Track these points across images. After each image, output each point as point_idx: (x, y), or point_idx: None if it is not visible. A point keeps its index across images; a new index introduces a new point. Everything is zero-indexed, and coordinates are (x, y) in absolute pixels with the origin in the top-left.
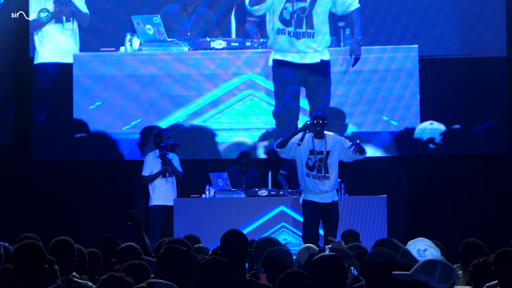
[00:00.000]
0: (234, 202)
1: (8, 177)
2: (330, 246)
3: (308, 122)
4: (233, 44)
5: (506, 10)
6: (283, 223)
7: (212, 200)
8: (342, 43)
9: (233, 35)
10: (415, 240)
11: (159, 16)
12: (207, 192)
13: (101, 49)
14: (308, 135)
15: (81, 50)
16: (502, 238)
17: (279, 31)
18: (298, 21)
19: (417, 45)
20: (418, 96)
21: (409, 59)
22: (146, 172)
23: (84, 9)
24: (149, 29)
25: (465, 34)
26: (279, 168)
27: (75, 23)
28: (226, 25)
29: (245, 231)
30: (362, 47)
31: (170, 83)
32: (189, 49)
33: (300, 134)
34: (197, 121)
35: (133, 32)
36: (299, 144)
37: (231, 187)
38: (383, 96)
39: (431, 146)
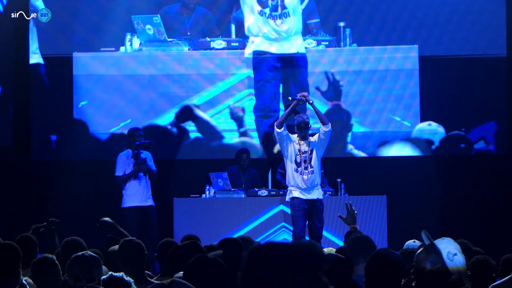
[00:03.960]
0: (234, 202)
1: (8, 177)
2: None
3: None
4: (233, 44)
5: (506, 9)
6: (283, 223)
7: (212, 200)
8: (342, 43)
9: (233, 35)
10: (446, 240)
11: (159, 16)
12: (207, 192)
13: (101, 49)
14: (295, 138)
15: (73, 49)
16: (502, 238)
17: (260, 13)
18: (274, 1)
19: (417, 45)
20: (418, 96)
21: (409, 59)
22: (119, 172)
23: (41, 5)
24: (149, 29)
25: (465, 34)
26: (277, 168)
27: (31, 22)
28: (226, 25)
29: (245, 231)
30: (362, 47)
31: (170, 84)
32: (189, 49)
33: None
34: (196, 121)
35: (133, 32)
36: (289, 99)
37: (231, 187)
38: (383, 96)
39: (431, 146)
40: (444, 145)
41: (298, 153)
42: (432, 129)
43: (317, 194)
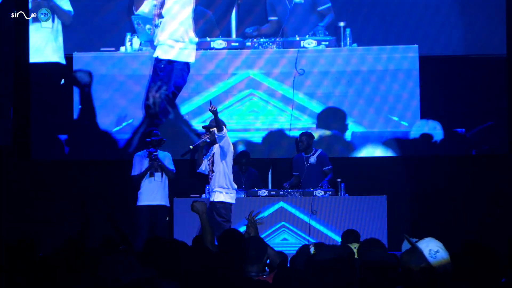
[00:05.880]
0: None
1: (8, 177)
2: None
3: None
4: (233, 44)
5: (506, 9)
6: (283, 223)
7: None
8: (342, 43)
9: (233, 35)
10: (427, 239)
11: None
12: (207, 192)
13: (101, 49)
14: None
15: (73, 49)
16: (502, 237)
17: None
18: (159, 15)
19: (416, 45)
20: (418, 95)
21: (409, 59)
22: (135, 172)
23: (66, 6)
24: (149, 29)
25: (464, 33)
26: (279, 168)
27: (56, 21)
28: (226, 25)
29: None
30: (361, 47)
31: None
32: None
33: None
34: (196, 122)
35: (133, 32)
36: (191, 148)
37: None
38: (382, 96)
39: (431, 146)
40: (444, 145)
41: (208, 160)
42: (430, 128)
43: (213, 196)
